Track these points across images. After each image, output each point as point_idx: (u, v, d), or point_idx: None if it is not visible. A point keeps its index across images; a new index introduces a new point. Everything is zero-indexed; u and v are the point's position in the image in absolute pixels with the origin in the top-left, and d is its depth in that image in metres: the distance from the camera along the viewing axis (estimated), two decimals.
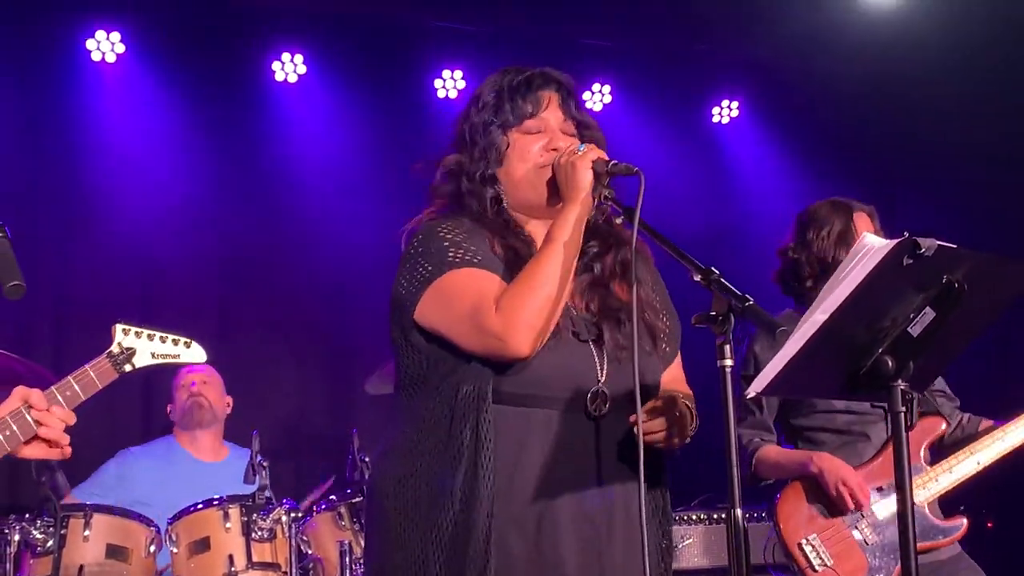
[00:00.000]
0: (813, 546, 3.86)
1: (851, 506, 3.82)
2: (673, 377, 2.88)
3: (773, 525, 3.93)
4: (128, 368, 2.96)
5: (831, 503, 3.88)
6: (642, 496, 2.53)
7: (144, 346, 3.03)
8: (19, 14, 6.08)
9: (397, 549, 2.63)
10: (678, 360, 2.91)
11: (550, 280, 2.60)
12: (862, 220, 4.01)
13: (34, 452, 2.72)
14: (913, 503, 3.82)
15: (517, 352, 2.58)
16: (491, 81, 2.87)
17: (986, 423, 4.03)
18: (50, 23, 6.29)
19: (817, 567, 3.84)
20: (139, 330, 3.01)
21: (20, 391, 2.67)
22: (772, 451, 3.97)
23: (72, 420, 2.72)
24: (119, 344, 2.93)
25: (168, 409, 5.69)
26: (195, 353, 3.21)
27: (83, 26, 6.38)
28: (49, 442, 2.69)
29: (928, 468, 3.94)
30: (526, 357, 2.59)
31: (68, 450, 2.73)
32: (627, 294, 2.72)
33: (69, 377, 2.81)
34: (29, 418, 2.63)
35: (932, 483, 3.91)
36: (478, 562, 2.54)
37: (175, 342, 3.13)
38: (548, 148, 2.79)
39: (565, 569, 2.62)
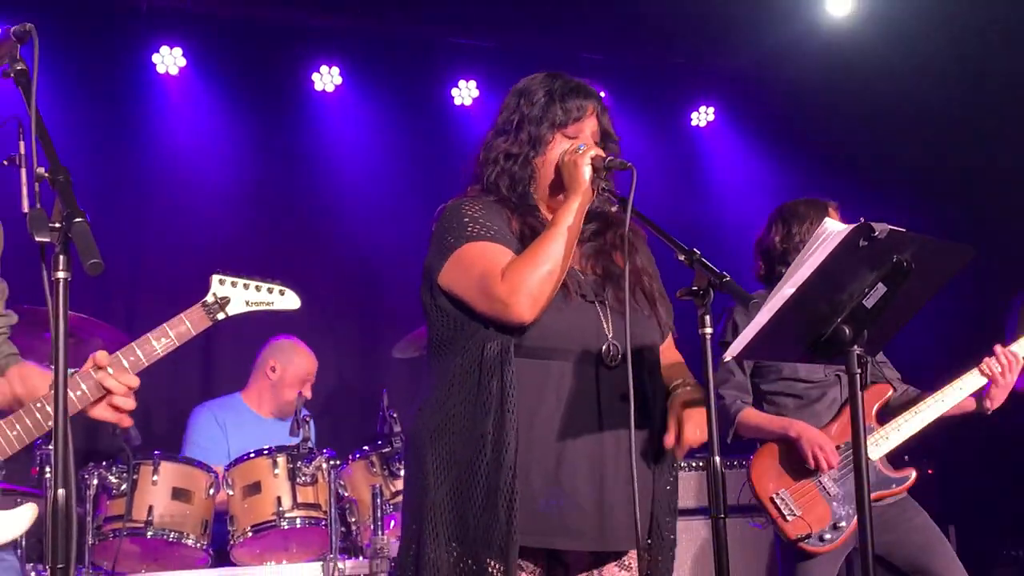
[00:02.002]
0: (784, 499, 3.87)
1: (824, 468, 3.83)
2: (667, 345, 2.90)
3: (748, 482, 3.93)
4: (222, 316, 2.84)
5: (799, 462, 3.88)
6: (632, 438, 2.57)
7: (239, 294, 2.88)
8: (96, 32, 6.09)
9: (437, 489, 2.64)
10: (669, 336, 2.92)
11: (552, 257, 2.61)
12: (833, 214, 4.02)
13: (100, 413, 2.64)
14: (868, 455, 3.85)
15: (519, 317, 2.60)
16: (540, 81, 2.87)
17: (918, 392, 4.04)
18: (123, 40, 6.30)
19: (788, 517, 3.85)
20: (235, 279, 2.88)
21: (97, 355, 2.62)
22: (752, 415, 3.98)
23: (135, 383, 2.63)
24: (214, 294, 2.81)
25: (271, 366, 5.50)
26: (289, 300, 3.01)
27: (150, 43, 6.39)
28: (115, 407, 2.61)
29: (878, 427, 3.95)
30: (527, 321, 2.60)
31: (127, 420, 2.64)
32: (624, 261, 2.72)
33: (164, 325, 2.72)
34: (96, 378, 2.57)
35: (883, 440, 3.92)
36: (507, 493, 2.55)
37: (269, 290, 2.95)
38: (575, 149, 2.78)
39: (577, 498, 2.64)
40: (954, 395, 3.90)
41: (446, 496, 2.62)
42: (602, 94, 7.12)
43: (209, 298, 2.79)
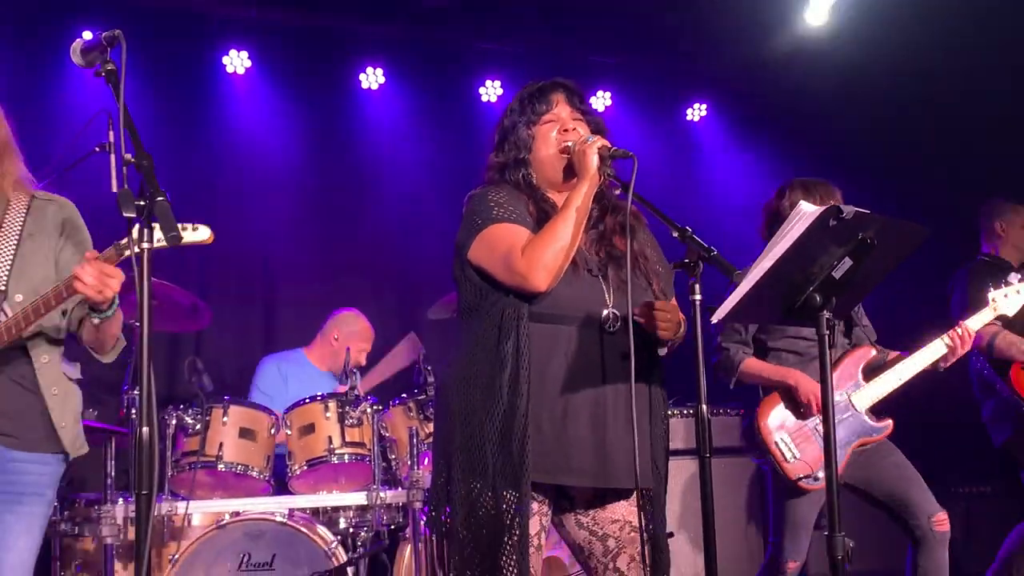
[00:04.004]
0: (785, 442, 3.87)
1: (817, 411, 3.83)
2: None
3: (755, 428, 3.93)
4: (128, 253, 2.71)
5: (797, 410, 3.88)
6: (632, 388, 2.60)
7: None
8: (174, 37, 6.09)
9: (461, 432, 2.66)
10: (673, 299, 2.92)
11: (564, 236, 2.63)
12: (838, 198, 4.04)
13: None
14: (851, 401, 3.85)
15: (536, 287, 2.62)
16: (517, 95, 2.91)
17: (894, 353, 4.03)
18: (197, 44, 6.30)
19: (789, 459, 3.85)
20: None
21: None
22: (755, 364, 3.97)
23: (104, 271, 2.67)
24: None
25: (335, 336, 5.51)
26: (200, 233, 2.87)
27: (220, 46, 6.38)
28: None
29: (864, 383, 3.94)
30: (543, 291, 2.62)
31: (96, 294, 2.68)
32: (625, 245, 2.73)
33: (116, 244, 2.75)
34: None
35: (869, 393, 3.93)
36: (519, 435, 2.58)
37: (182, 227, 2.70)
38: (561, 131, 2.82)
39: (583, 444, 2.66)
40: (924, 359, 3.91)
41: (468, 438, 2.64)
42: (608, 94, 7.10)
43: (123, 240, 2.70)
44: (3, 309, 2.81)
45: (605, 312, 2.70)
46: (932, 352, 3.91)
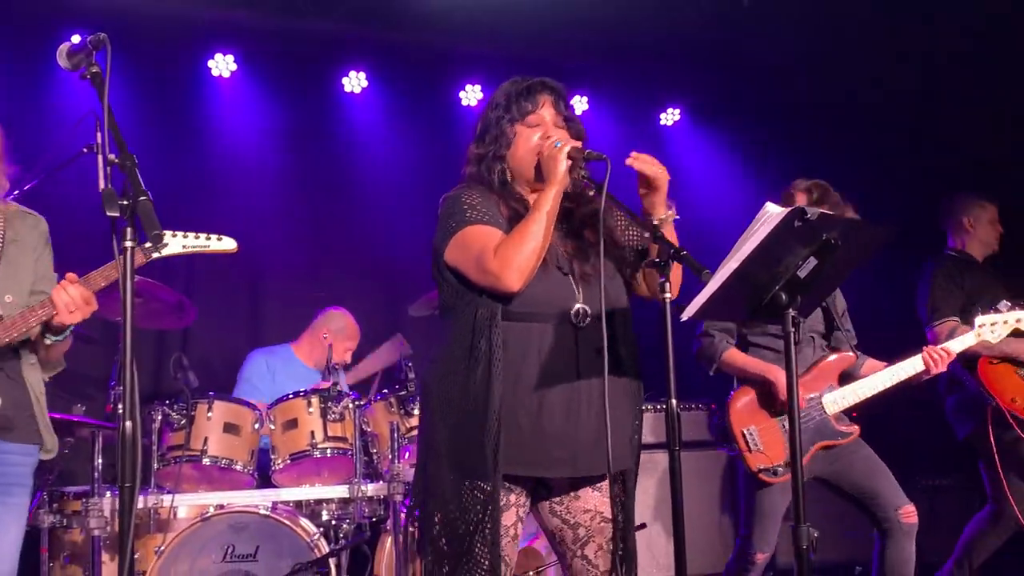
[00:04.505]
0: (751, 433, 3.87)
1: None
2: None
3: (725, 416, 3.93)
4: (156, 255, 2.92)
5: (771, 405, 3.89)
6: (606, 379, 2.59)
7: (176, 241, 3.01)
8: (161, 41, 6.05)
9: (439, 427, 2.67)
10: None
11: (534, 237, 2.62)
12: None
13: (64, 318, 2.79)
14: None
15: (509, 287, 2.60)
16: (502, 88, 2.87)
17: (871, 360, 4.04)
18: (184, 48, 6.26)
19: (751, 450, 3.86)
20: (174, 232, 3.00)
21: (68, 276, 2.84)
22: (737, 355, 3.97)
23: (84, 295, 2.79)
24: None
25: (323, 334, 5.50)
26: (226, 243, 3.12)
27: (206, 50, 6.35)
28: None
29: (838, 387, 3.95)
30: (516, 291, 2.61)
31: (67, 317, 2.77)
32: (594, 240, 2.71)
33: (112, 262, 2.80)
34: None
35: (841, 399, 3.93)
36: (492, 433, 2.58)
37: (207, 237, 3.06)
38: (544, 137, 2.78)
39: (559, 437, 2.66)
40: (901, 372, 3.94)
41: (446, 434, 2.65)
42: (584, 98, 7.09)
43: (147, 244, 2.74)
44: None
45: (575, 307, 2.69)
46: (910, 367, 3.93)
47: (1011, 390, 4.62)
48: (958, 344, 4.00)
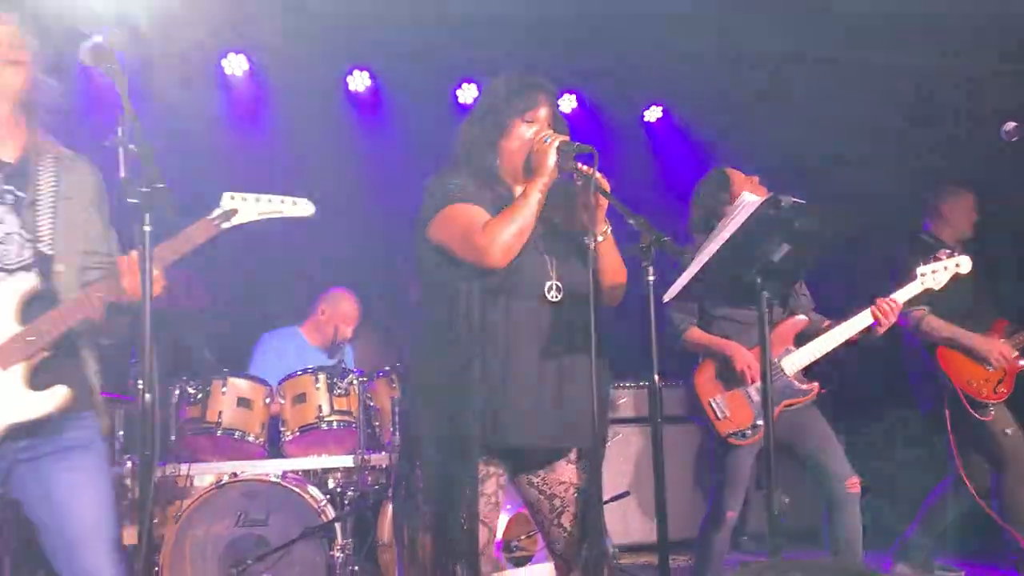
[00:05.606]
0: (718, 403, 3.89)
1: (750, 380, 3.85)
2: None
3: (692, 389, 3.94)
4: (227, 225, 2.60)
5: (731, 375, 3.89)
6: (593, 356, 2.56)
7: (249, 206, 2.63)
8: (178, 41, 6.01)
9: (420, 401, 2.64)
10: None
11: (521, 219, 2.60)
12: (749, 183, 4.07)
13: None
14: (782, 368, 3.87)
15: (494, 262, 2.58)
16: (501, 80, 2.83)
17: (826, 321, 4.04)
18: (198, 48, 6.23)
19: (720, 417, 3.87)
20: (245, 195, 2.64)
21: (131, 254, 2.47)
22: (697, 334, 3.98)
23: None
24: (221, 207, 2.58)
25: (321, 310, 5.50)
26: (302, 208, 2.75)
27: (220, 51, 6.33)
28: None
29: (795, 349, 3.96)
30: (499, 266, 2.58)
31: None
32: (568, 223, 2.70)
33: (180, 234, 2.54)
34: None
35: (798, 359, 3.94)
36: (471, 406, 2.55)
37: (281, 201, 2.69)
38: (537, 134, 2.75)
39: (533, 409, 2.62)
40: (852, 328, 3.92)
41: (427, 407, 2.61)
42: (573, 96, 7.02)
43: (215, 211, 2.58)
44: (50, 277, 2.55)
45: (548, 284, 2.67)
46: (860, 321, 3.91)
47: (967, 373, 4.65)
48: (904, 293, 3.98)
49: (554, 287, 2.67)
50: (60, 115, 2.69)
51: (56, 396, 2.46)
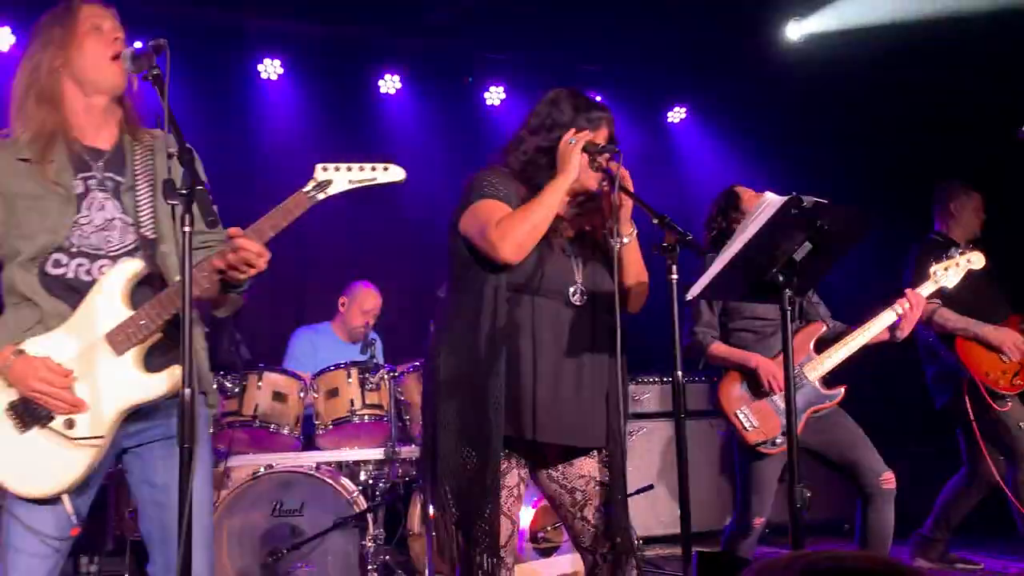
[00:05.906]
0: (745, 414, 3.85)
1: (775, 390, 3.81)
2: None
3: (718, 403, 3.91)
4: (322, 196, 2.42)
5: (756, 386, 3.86)
6: (619, 355, 2.58)
7: (341, 176, 2.45)
8: (213, 47, 6.08)
9: (445, 396, 2.63)
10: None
11: (536, 217, 2.59)
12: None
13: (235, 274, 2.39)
14: (805, 375, 3.85)
15: (504, 257, 2.57)
16: (566, 96, 2.80)
17: (846, 326, 4.01)
18: (236, 54, 6.30)
19: (748, 428, 3.84)
20: (337, 165, 2.46)
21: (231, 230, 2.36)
22: (720, 348, 3.94)
23: (258, 248, 2.36)
24: (315, 179, 2.44)
25: (342, 302, 5.52)
26: (393, 173, 2.51)
27: (256, 55, 6.39)
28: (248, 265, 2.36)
29: (816, 356, 3.92)
30: (510, 262, 2.58)
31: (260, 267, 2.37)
32: (598, 232, 2.71)
33: (274, 209, 2.40)
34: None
35: (819, 366, 3.89)
36: (494, 399, 2.55)
37: (372, 168, 2.49)
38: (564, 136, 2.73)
39: (553, 406, 2.62)
40: (874, 329, 3.86)
41: (451, 402, 2.60)
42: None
43: (309, 184, 2.44)
44: (155, 259, 2.46)
45: (573, 288, 2.68)
46: (882, 322, 3.85)
47: (985, 364, 4.63)
48: (922, 291, 3.94)
49: (579, 290, 2.67)
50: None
51: (172, 377, 2.37)
